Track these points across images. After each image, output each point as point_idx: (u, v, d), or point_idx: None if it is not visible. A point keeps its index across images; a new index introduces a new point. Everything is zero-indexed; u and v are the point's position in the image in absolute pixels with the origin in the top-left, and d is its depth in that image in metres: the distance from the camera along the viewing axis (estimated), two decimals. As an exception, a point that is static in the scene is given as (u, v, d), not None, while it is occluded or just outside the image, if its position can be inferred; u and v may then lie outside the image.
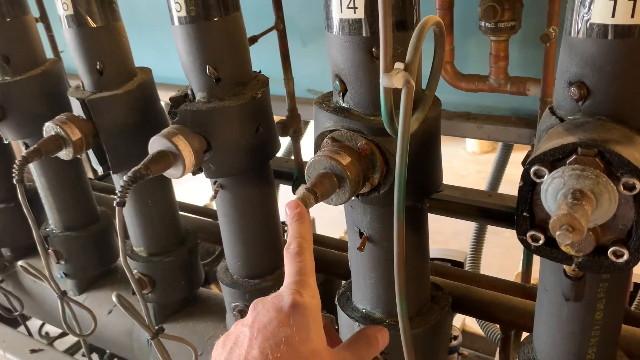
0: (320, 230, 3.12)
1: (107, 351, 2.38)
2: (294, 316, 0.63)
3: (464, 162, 6.68)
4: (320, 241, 1.76)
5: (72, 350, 2.37)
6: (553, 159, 0.73)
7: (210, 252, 2.12)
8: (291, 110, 1.78)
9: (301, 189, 0.91)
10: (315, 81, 2.37)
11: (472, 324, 3.37)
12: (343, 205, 1.09)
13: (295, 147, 1.92)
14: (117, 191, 1.03)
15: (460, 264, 2.80)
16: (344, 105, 0.99)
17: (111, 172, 1.39)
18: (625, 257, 0.73)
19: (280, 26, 1.61)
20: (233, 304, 1.38)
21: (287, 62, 1.69)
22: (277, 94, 1.87)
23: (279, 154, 2.64)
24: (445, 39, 1.88)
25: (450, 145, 6.59)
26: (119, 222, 1.05)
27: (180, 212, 1.75)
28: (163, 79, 2.24)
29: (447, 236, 4.42)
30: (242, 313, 1.35)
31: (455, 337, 2.82)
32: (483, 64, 1.90)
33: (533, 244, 0.78)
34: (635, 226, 0.72)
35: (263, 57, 1.84)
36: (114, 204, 1.03)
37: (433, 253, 3.01)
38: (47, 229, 1.78)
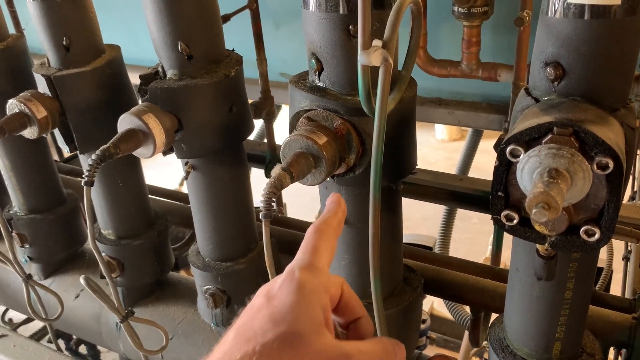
0: (291, 215, 3.12)
1: (74, 336, 2.34)
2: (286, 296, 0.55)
3: (433, 150, 6.76)
4: (293, 225, 1.75)
5: (37, 337, 2.31)
6: (529, 139, 0.73)
7: (179, 238, 2.09)
8: (264, 92, 1.76)
9: (277, 169, 0.90)
10: (288, 65, 2.35)
11: (440, 308, 3.43)
12: (317, 187, 1.08)
13: (268, 130, 1.90)
14: (85, 170, 0.99)
15: (429, 249, 2.84)
16: (320, 84, 0.98)
17: (78, 152, 1.34)
18: (597, 236, 0.75)
19: (253, 5, 1.58)
20: (204, 287, 1.36)
21: (260, 42, 1.67)
22: (248, 77, 1.84)
23: (251, 137, 2.62)
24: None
25: (419, 132, 6.58)
26: (87, 203, 1.02)
27: (150, 196, 1.71)
28: (134, 61, 2.18)
29: (416, 222, 4.47)
30: (214, 296, 1.34)
31: (424, 321, 2.86)
32: (455, 50, 1.91)
33: (507, 223, 0.79)
34: (607, 205, 0.73)
35: (234, 40, 1.81)
36: (82, 184, 1.00)
37: (402, 238, 3.03)
38: (11, 212, 1.72)
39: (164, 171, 3.87)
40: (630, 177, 1.95)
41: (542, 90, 0.81)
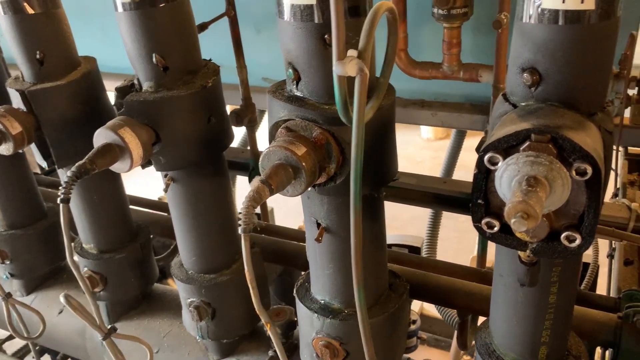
0: (279, 220, 3.10)
1: (60, 352, 2.30)
2: None
3: (419, 149, 6.78)
4: (279, 232, 1.74)
5: (21, 353, 2.28)
6: (507, 146, 0.72)
7: (166, 246, 2.07)
8: (245, 99, 1.75)
9: (255, 181, 0.88)
10: (270, 69, 2.33)
11: (430, 307, 3.43)
12: (300, 196, 1.07)
13: (251, 137, 1.88)
14: (60, 187, 0.97)
15: (417, 249, 2.84)
16: (298, 94, 0.97)
17: (56, 167, 1.32)
18: (578, 241, 0.74)
19: (231, 12, 1.57)
20: (189, 300, 1.34)
21: (240, 49, 1.66)
22: (232, 83, 1.82)
23: (235, 144, 2.60)
24: (399, 26, 1.89)
25: (405, 132, 6.66)
26: (64, 220, 1.00)
27: (133, 207, 1.69)
28: (113, 69, 2.16)
29: (404, 222, 4.48)
30: (198, 309, 1.32)
31: (414, 321, 2.86)
32: (437, 52, 1.91)
33: (488, 231, 0.78)
34: (587, 211, 0.73)
35: (216, 46, 1.79)
36: (58, 201, 0.98)
37: (390, 239, 3.04)
38: (-10, 228, 1.69)
39: (150, 179, 3.83)
40: (613, 173, 1.96)
41: (520, 95, 0.80)
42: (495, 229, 0.78)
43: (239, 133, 2.43)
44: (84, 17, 2.47)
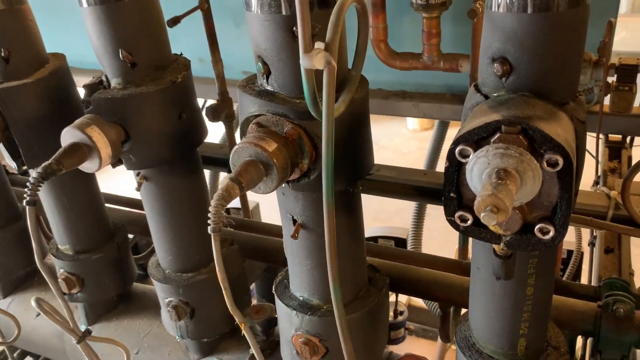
0: (265, 215, 3.08)
1: (41, 356, 2.27)
2: None
3: (405, 140, 6.78)
4: (261, 229, 1.71)
5: (2, 357, 2.24)
6: (477, 138, 0.71)
7: (150, 243, 2.04)
8: (222, 94, 1.72)
9: (225, 180, 0.86)
10: (250, 63, 2.30)
11: (418, 298, 3.44)
12: (275, 192, 1.05)
13: (229, 133, 1.86)
14: (26, 189, 0.95)
15: (403, 241, 2.84)
16: (269, 88, 0.95)
17: (26, 167, 1.29)
18: (551, 233, 0.73)
19: (204, 6, 1.54)
20: (167, 300, 1.32)
21: (215, 43, 1.63)
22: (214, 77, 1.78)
23: (217, 140, 2.57)
24: (378, 17, 1.86)
25: (391, 124, 6.67)
26: (30, 223, 0.97)
27: (113, 205, 1.66)
28: (94, 65, 2.12)
29: (390, 214, 4.48)
30: (177, 308, 1.30)
31: (402, 313, 2.86)
32: (417, 42, 1.90)
33: (462, 224, 0.77)
34: (559, 202, 0.72)
35: (196, 40, 1.75)
36: (24, 203, 0.95)
37: (376, 231, 3.04)
38: (-37, 231, 1.65)
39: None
40: (593, 161, 1.96)
41: (491, 86, 0.79)
42: (469, 222, 0.76)
43: (221, 129, 2.40)
44: (59, 12, 2.42)
